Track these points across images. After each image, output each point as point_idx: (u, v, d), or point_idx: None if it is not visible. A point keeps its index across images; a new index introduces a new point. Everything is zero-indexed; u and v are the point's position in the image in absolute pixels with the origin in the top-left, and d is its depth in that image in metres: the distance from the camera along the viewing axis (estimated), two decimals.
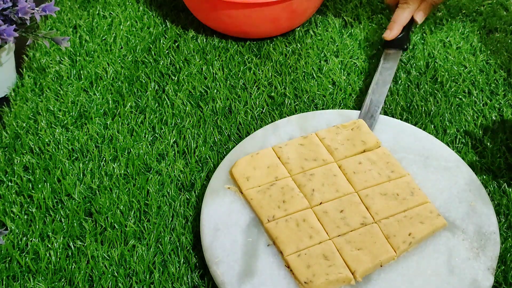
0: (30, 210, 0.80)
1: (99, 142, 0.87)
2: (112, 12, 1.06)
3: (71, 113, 0.91)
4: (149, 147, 0.87)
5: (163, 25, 1.04)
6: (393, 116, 0.90)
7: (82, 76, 0.96)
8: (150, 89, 0.94)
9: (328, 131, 0.84)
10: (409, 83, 0.94)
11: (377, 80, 0.92)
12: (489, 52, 0.98)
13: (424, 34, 1.01)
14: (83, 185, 0.83)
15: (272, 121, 0.90)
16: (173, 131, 0.89)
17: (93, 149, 0.86)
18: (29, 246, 0.76)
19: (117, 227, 0.78)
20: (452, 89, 0.93)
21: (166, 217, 0.79)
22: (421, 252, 0.73)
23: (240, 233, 0.75)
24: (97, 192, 0.82)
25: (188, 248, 0.76)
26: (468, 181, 0.79)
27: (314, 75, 0.96)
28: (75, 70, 0.97)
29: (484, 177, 0.82)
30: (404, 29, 0.97)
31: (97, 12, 1.06)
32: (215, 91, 0.94)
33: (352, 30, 1.03)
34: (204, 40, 1.01)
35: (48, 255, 0.76)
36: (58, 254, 0.76)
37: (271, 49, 1.00)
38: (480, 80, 0.94)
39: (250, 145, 0.84)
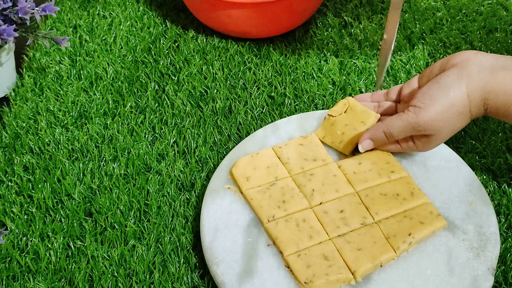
0: (30, 210, 0.80)
1: (99, 142, 0.88)
2: (112, 12, 1.06)
3: (71, 113, 0.91)
4: (149, 147, 0.87)
5: (163, 25, 1.04)
6: None
7: (82, 76, 0.96)
8: (150, 89, 0.94)
9: (324, 127, 0.84)
10: None
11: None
12: (489, 52, 0.98)
13: (424, 34, 1.01)
14: (83, 185, 0.83)
15: (272, 121, 0.90)
16: (173, 131, 0.89)
17: (93, 149, 0.86)
18: (29, 246, 0.76)
19: (117, 227, 0.78)
20: None
21: (166, 217, 0.79)
22: (421, 252, 0.73)
23: (240, 233, 0.75)
24: (97, 192, 0.82)
25: (188, 248, 0.77)
26: (468, 181, 0.79)
27: (314, 75, 0.96)
28: (75, 70, 0.97)
29: (484, 177, 0.82)
30: None
31: (97, 12, 1.06)
32: (215, 91, 0.94)
33: (352, 30, 1.03)
34: (204, 40, 1.02)
35: (48, 255, 0.76)
36: (58, 254, 0.76)
37: (271, 49, 1.00)
38: None
39: (250, 145, 0.84)
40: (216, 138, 0.88)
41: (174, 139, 0.88)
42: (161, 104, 0.92)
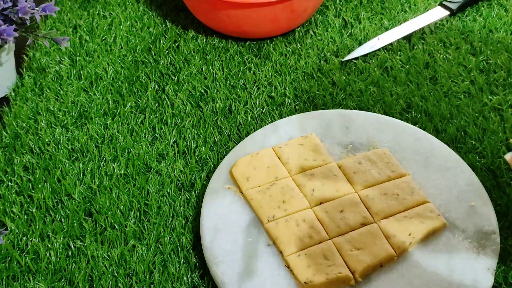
0: (30, 210, 0.80)
1: (99, 142, 0.88)
2: (112, 12, 1.06)
3: (71, 113, 0.91)
4: (149, 147, 0.87)
5: (163, 25, 1.04)
6: (393, 116, 0.90)
7: (82, 76, 0.96)
8: (150, 89, 0.94)
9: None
10: (409, 83, 0.94)
11: None
12: (489, 52, 0.98)
13: (424, 34, 1.01)
14: (83, 185, 0.83)
15: (272, 121, 0.90)
16: (173, 131, 0.89)
17: (93, 149, 0.86)
18: (29, 246, 0.76)
19: (117, 227, 0.78)
20: (452, 89, 0.93)
21: (166, 217, 0.79)
22: (421, 252, 0.73)
23: (240, 233, 0.75)
24: (97, 192, 0.82)
25: (188, 248, 0.77)
26: (468, 181, 0.79)
27: (314, 75, 0.96)
28: (75, 70, 0.97)
29: (484, 177, 0.82)
30: None
31: (97, 12, 1.06)
32: (215, 91, 0.94)
33: (352, 30, 1.03)
34: (204, 40, 1.01)
35: (48, 255, 0.76)
36: (58, 254, 0.76)
37: (271, 49, 1.00)
38: (480, 80, 0.94)
39: (250, 145, 0.84)
40: (216, 138, 0.88)
41: (174, 139, 0.88)
42: (161, 104, 0.92)
